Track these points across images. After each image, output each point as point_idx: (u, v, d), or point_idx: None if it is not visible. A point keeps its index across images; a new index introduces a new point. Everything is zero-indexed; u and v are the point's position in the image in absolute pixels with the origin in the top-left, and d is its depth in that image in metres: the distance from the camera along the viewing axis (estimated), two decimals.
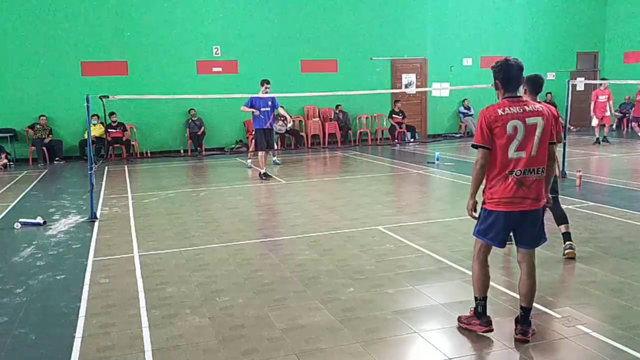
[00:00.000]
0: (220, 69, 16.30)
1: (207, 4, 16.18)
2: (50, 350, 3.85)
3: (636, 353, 3.45)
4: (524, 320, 3.69)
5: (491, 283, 3.94)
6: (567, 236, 5.45)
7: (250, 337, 3.90)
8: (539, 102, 3.68)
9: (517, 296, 3.91)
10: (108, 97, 8.86)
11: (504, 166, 3.49)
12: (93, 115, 14.82)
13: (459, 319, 3.98)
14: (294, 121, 16.95)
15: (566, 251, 5.40)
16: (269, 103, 11.17)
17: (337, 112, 17.30)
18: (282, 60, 16.76)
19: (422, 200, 8.91)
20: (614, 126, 18.99)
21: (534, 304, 3.77)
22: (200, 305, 4.50)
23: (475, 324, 3.83)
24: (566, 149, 10.18)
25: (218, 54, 16.35)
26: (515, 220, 3.58)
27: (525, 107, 3.52)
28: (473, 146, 3.59)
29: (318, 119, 17.24)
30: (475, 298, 3.83)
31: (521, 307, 3.72)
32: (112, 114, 14.79)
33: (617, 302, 4.30)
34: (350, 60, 17.42)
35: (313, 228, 6.93)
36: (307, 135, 16.99)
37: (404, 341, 3.81)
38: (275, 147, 12.91)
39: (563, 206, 7.65)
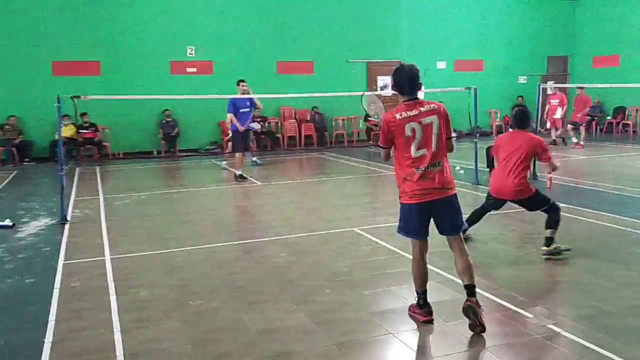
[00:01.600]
0: (194, 70, 16.17)
1: (182, 3, 16.05)
2: (19, 356, 3.75)
3: (606, 352, 3.52)
4: (470, 293, 3.92)
5: (458, 281, 3.97)
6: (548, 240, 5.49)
7: (225, 341, 3.86)
8: (434, 103, 3.95)
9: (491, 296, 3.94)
10: (80, 97, 8.71)
11: (410, 164, 3.82)
12: (64, 116, 14.51)
13: (409, 307, 4.25)
14: (269, 123, 16.94)
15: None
16: (248, 104, 11.11)
17: (314, 113, 17.32)
18: (258, 61, 16.71)
19: (397, 202, 8.96)
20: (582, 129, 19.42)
21: (511, 306, 3.82)
22: (174, 309, 4.45)
23: (418, 313, 4.12)
24: None
25: (192, 54, 16.21)
26: (426, 211, 3.88)
27: (421, 108, 3.83)
28: (377, 146, 4.04)
29: (294, 120, 17.23)
30: (416, 292, 4.14)
31: (465, 287, 3.95)
32: (83, 114, 14.53)
33: (588, 301, 4.37)
34: (327, 62, 17.45)
35: (289, 230, 6.91)
36: (283, 137, 16.96)
37: (379, 342, 3.82)
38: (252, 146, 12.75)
39: None
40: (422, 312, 4.09)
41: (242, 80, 11.20)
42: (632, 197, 8.30)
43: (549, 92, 15.78)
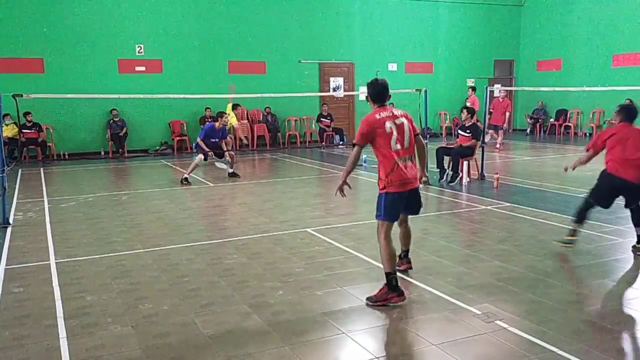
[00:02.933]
0: (143, 68, 15.83)
1: (130, 0, 15.66)
2: None
3: (549, 346, 3.65)
4: (405, 256, 5.11)
5: (410, 280, 4.04)
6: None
7: (176, 345, 3.80)
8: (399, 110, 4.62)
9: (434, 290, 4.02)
10: (22, 95, 8.39)
11: (392, 157, 4.39)
12: (5, 115, 13.95)
13: (370, 299, 4.43)
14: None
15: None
16: (220, 134, 11.18)
17: (266, 114, 17.24)
18: (209, 60, 16.51)
19: (350, 203, 9.03)
20: (527, 131, 20.11)
21: (460, 304, 3.88)
22: (123, 314, 4.33)
23: (393, 297, 4.36)
24: (484, 153, 10.64)
25: (141, 52, 15.86)
26: (406, 198, 4.53)
27: (392, 111, 4.51)
28: (353, 145, 4.51)
29: (246, 121, 17.10)
30: (388, 274, 4.39)
31: (403, 251, 5.08)
32: (27, 113, 13.99)
33: (533, 297, 4.53)
34: (279, 62, 17.42)
35: (241, 231, 6.86)
36: (235, 137, 16.80)
37: (333, 342, 3.84)
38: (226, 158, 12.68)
39: (481, 207, 8.05)
40: (398, 294, 4.38)
41: (226, 114, 11.35)
42: (574, 197, 8.63)
43: (497, 94, 16.21)
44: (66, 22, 14.98)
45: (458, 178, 9.91)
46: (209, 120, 16.35)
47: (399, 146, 4.39)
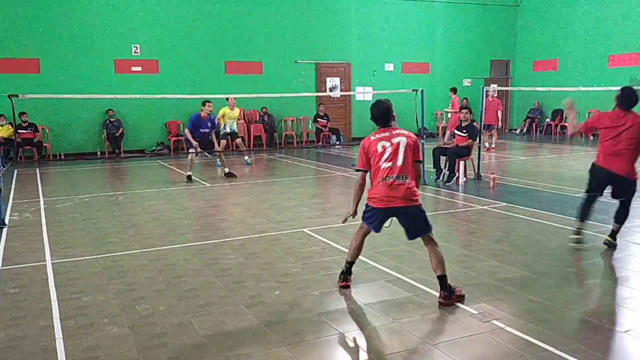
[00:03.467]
0: (139, 68, 15.80)
1: (126, 0, 15.63)
2: None
3: (545, 345, 3.66)
4: (443, 286, 4.39)
5: (409, 281, 4.04)
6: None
7: (173, 346, 3.79)
8: (406, 131, 4.55)
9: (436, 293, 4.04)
10: (18, 96, 8.37)
11: (380, 174, 4.39)
12: (0, 116, 13.94)
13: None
14: (218, 124, 16.72)
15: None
16: (209, 125, 11.07)
17: (263, 114, 17.23)
18: (206, 60, 16.50)
19: (347, 203, 8.99)
20: (524, 130, 20.14)
21: (457, 304, 3.89)
22: (119, 314, 4.33)
23: (341, 281, 4.80)
24: (481, 153, 10.66)
25: (137, 52, 15.83)
26: (389, 215, 4.47)
27: (392, 131, 4.49)
28: (356, 170, 4.61)
29: (243, 121, 17.08)
30: (347, 262, 4.81)
31: (437, 277, 4.42)
32: (22, 114, 13.95)
33: (529, 297, 4.54)
34: (275, 62, 17.41)
35: (238, 232, 6.86)
36: (231, 138, 16.78)
37: (329, 342, 3.84)
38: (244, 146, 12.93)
39: (477, 206, 8.06)
40: (345, 279, 4.78)
41: (208, 101, 11.07)
42: (570, 197, 8.66)
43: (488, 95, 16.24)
44: (62, 22, 14.94)
45: (455, 178, 9.92)
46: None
47: (389, 164, 4.36)
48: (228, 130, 12.72)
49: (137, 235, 6.78)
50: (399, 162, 4.37)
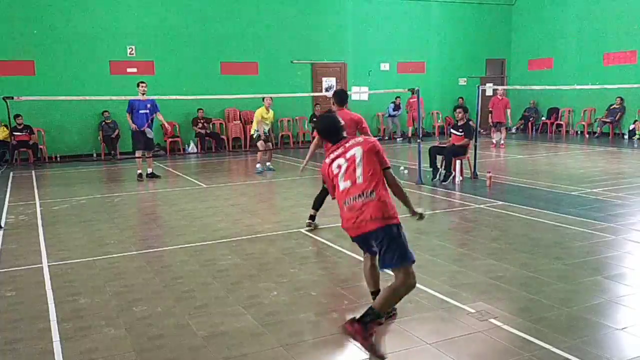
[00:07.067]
0: (135, 70, 15.76)
1: (121, 1, 15.60)
2: None
3: (543, 343, 3.67)
4: (363, 316, 3.52)
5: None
6: None
7: (170, 347, 3.79)
8: (361, 137, 3.89)
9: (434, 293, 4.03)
10: (13, 98, 8.35)
11: (341, 198, 3.72)
12: None
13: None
14: (214, 124, 16.74)
15: None
16: (148, 106, 11.06)
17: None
18: (201, 61, 16.48)
19: None
20: (515, 129, 20.18)
21: (454, 302, 3.89)
22: (116, 316, 4.32)
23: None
24: (477, 152, 10.68)
25: (133, 54, 15.81)
26: (362, 242, 3.83)
27: (346, 144, 3.78)
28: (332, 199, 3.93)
29: (239, 121, 17.09)
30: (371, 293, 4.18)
31: (370, 307, 3.58)
32: (17, 116, 13.91)
33: (526, 295, 4.55)
34: (271, 62, 17.40)
35: (235, 232, 6.85)
36: (227, 139, 16.79)
37: (328, 343, 3.84)
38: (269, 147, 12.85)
39: (474, 205, 8.07)
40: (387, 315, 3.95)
41: (142, 82, 11.13)
42: (566, 195, 8.69)
43: (489, 93, 16.38)
44: (57, 24, 14.90)
45: (451, 177, 9.93)
46: (202, 121, 16.34)
47: (348, 183, 3.65)
48: (262, 132, 12.15)
49: (133, 237, 6.77)
50: (359, 179, 3.63)
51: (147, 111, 11.04)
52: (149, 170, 11.44)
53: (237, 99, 15.39)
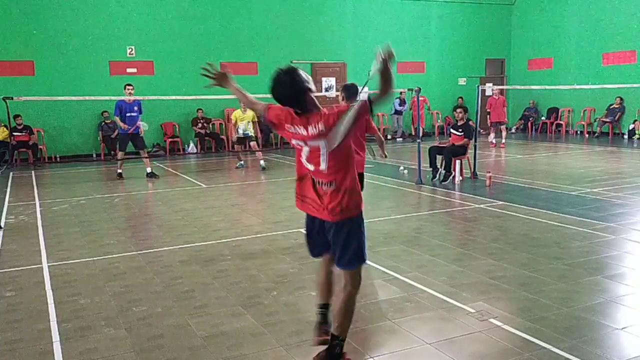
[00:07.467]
0: (134, 70, 15.77)
1: (121, 1, 15.60)
2: None
3: (543, 343, 3.67)
4: (330, 348, 3.29)
5: (406, 281, 4.04)
6: None
7: (170, 347, 3.78)
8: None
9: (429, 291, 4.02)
10: (12, 98, 8.35)
11: (305, 173, 3.28)
12: None
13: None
14: (213, 124, 16.74)
15: None
16: (135, 108, 11.24)
17: (259, 115, 17.18)
18: (201, 61, 16.06)
19: None
20: (515, 129, 20.18)
21: (454, 302, 3.90)
22: (116, 316, 4.32)
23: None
24: (477, 151, 10.68)
25: (132, 54, 15.81)
26: (318, 228, 3.27)
27: (307, 126, 3.12)
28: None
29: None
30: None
31: (331, 335, 3.32)
32: (17, 116, 13.90)
33: (526, 295, 4.55)
34: (271, 63, 17.35)
35: (234, 232, 6.85)
36: (227, 139, 16.78)
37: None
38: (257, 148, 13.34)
39: (474, 205, 8.07)
40: (320, 330, 3.48)
41: (129, 84, 11.36)
42: (565, 194, 8.69)
43: (489, 93, 16.41)
44: (56, 24, 14.90)
45: (451, 177, 9.93)
46: (201, 121, 16.34)
47: (311, 166, 3.17)
48: (241, 133, 12.70)
49: (133, 237, 6.76)
50: (322, 166, 3.11)
51: (135, 113, 11.23)
52: (148, 170, 11.50)
53: (237, 99, 15.36)
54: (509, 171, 11.40)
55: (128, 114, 11.10)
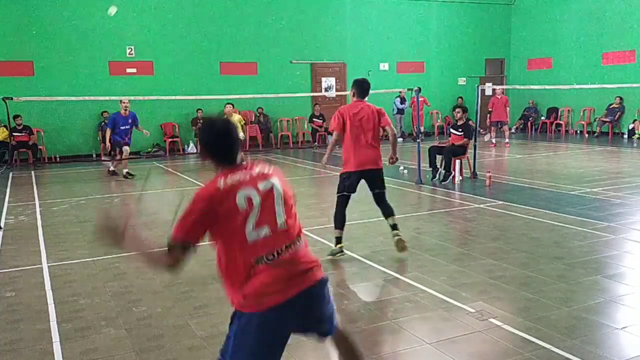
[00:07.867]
0: (134, 70, 15.76)
1: (121, 1, 15.58)
2: None
3: (543, 343, 3.67)
4: None
5: (407, 280, 4.03)
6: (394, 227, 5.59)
7: (170, 347, 3.79)
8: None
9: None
10: (12, 98, 8.35)
11: (245, 259, 2.49)
12: None
13: None
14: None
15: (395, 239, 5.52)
16: (129, 121, 11.60)
17: (258, 114, 17.22)
18: (201, 61, 16.48)
19: None
20: (515, 129, 20.18)
21: (454, 302, 3.90)
22: (116, 316, 4.32)
23: None
24: (476, 151, 10.68)
25: (132, 54, 15.80)
26: (303, 306, 2.60)
27: (252, 170, 2.57)
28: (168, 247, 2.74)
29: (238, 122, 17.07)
30: None
31: None
32: (16, 116, 13.87)
33: (525, 295, 4.55)
34: (271, 63, 17.40)
35: None
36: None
37: (326, 343, 3.83)
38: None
39: (474, 205, 8.07)
40: None
41: (124, 100, 11.71)
42: (565, 194, 8.69)
43: (488, 93, 16.41)
44: (56, 24, 14.89)
45: (450, 177, 9.93)
46: (201, 121, 16.32)
47: (263, 231, 2.43)
48: None
49: None
50: (281, 223, 2.50)
51: (128, 126, 11.60)
52: (125, 171, 11.76)
53: (237, 99, 15.38)
54: (508, 171, 11.40)
55: (122, 127, 11.49)
